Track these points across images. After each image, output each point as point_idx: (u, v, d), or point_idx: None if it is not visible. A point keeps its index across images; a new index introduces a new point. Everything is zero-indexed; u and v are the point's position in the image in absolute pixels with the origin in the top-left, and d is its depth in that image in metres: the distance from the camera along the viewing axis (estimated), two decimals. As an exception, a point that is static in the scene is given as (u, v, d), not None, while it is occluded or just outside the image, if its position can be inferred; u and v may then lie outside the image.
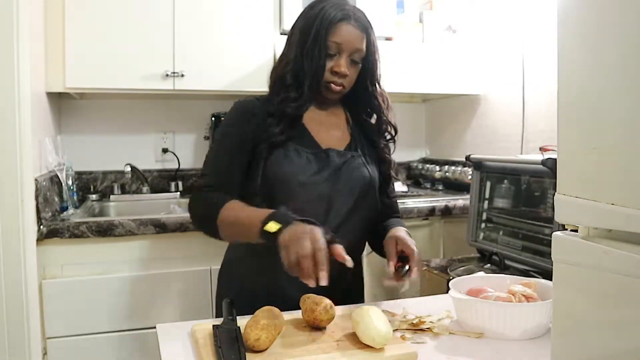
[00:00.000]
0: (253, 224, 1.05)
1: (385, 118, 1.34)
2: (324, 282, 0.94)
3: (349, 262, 1.00)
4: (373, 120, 1.34)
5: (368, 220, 1.29)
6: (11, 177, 1.55)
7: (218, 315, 1.29)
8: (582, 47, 0.67)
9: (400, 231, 1.23)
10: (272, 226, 1.02)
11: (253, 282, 1.26)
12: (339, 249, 1.00)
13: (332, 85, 1.23)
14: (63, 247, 1.79)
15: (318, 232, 0.98)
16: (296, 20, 1.29)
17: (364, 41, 1.24)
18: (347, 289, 1.33)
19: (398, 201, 1.45)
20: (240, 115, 1.26)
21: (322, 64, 1.21)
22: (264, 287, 1.24)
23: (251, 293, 1.24)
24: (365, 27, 1.24)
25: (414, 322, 1.06)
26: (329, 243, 0.99)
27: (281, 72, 1.26)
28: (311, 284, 0.95)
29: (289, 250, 0.97)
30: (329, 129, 1.30)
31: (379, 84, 1.32)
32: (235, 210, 1.13)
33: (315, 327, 1.00)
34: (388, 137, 1.36)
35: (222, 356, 0.88)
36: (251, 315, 0.98)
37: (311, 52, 1.21)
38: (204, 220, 1.20)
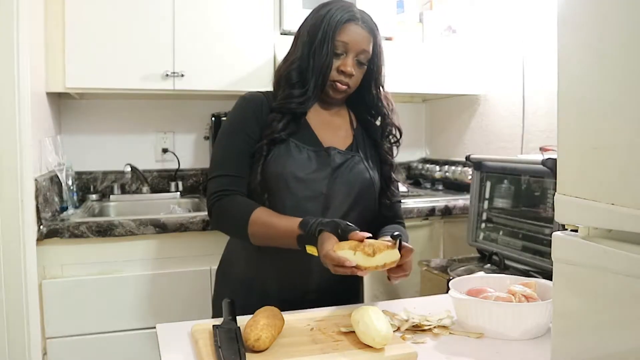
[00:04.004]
0: (289, 242, 1.13)
1: (389, 120, 1.34)
2: (360, 273, 1.03)
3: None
4: (378, 123, 1.34)
5: (365, 220, 1.29)
6: (11, 177, 1.55)
7: (215, 315, 1.29)
8: (582, 47, 0.68)
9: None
10: (312, 249, 1.10)
11: (250, 282, 1.26)
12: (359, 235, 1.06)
13: (338, 84, 1.24)
14: (63, 247, 1.79)
15: (328, 250, 1.04)
16: (303, 22, 1.30)
17: (370, 43, 1.25)
18: (346, 288, 1.33)
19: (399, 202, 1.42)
20: (246, 112, 1.27)
21: (329, 63, 1.22)
22: (260, 287, 1.25)
23: (248, 293, 1.25)
24: (371, 29, 1.25)
25: (414, 322, 1.06)
26: (351, 238, 1.05)
27: (287, 70, 1.27)
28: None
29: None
30: (332, 129, 1.31)
31: (383, 86, 1.33)
32: (266, 223, 1.17)
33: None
34: (392, 139, 1.36)
35: (222, 356, 0.88)
36: (249, 315, 0.98)
37: (318, 51, 1.22)
38: (232, 230, 1.25)
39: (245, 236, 1.19)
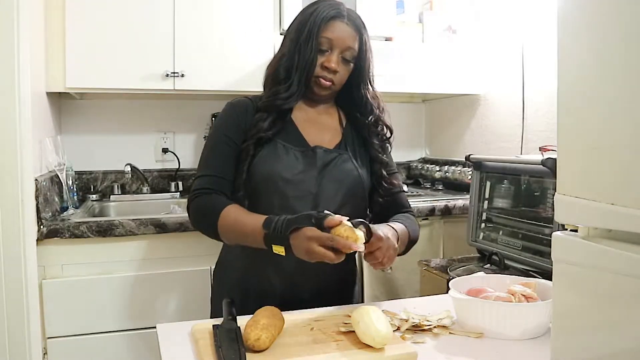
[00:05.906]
0: (256, 240, 1.13)
1: (378, 119, 1.34)
2: (359, 248, 1.03)
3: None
4: (367, 121, 1.33)
5: (356, 218, 1.28)
6: (11, 177, 1.55)
7: (214, 315, 1.29)
8: (582, 47, 0.68)
9: (384, 227, 1.17)
10: (279, 249, 1.09)
11: (247, 282, 1.26)
12: (336, 219, 1.05)
13: (322, 80, 1.25)
14: (63, 247, 1.79)
15: (314, 232, 1.04)
16: (293, 20, 1.31)
17: (356, 40, 1.26)
18: (345, 288, 1.33)
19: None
20: (231, 116, 1.29)
21: (313, 58, 1.24)
22: (258, 287, 1.25)
23: (245, 293, 1.25)
24: (358, 27, 1.27)
25: (414, 322, 1.06)
26: (328, 225, 1.05)
27: (274, 67, 1.29)
28: (340, 259, 1.04)
29: (310, 258, 1.05)
30: (319, 127, 1.31)
31: (372, 85, 1.33)
32: (233, 220, 1.17)
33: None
34: (382, 137, 1.35)
35: (222, 356, 0.88)
36: (249, 315, 0.98)
37: (304, 47, 1.24)
38: (204, 227, 1.23)
39: (216, 234, 1.19)
